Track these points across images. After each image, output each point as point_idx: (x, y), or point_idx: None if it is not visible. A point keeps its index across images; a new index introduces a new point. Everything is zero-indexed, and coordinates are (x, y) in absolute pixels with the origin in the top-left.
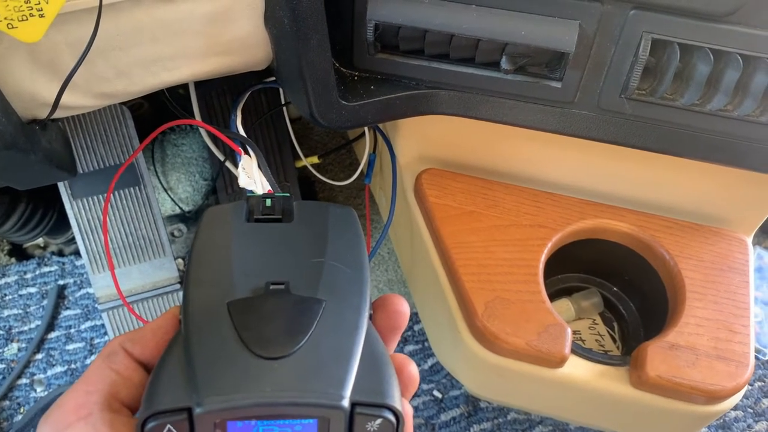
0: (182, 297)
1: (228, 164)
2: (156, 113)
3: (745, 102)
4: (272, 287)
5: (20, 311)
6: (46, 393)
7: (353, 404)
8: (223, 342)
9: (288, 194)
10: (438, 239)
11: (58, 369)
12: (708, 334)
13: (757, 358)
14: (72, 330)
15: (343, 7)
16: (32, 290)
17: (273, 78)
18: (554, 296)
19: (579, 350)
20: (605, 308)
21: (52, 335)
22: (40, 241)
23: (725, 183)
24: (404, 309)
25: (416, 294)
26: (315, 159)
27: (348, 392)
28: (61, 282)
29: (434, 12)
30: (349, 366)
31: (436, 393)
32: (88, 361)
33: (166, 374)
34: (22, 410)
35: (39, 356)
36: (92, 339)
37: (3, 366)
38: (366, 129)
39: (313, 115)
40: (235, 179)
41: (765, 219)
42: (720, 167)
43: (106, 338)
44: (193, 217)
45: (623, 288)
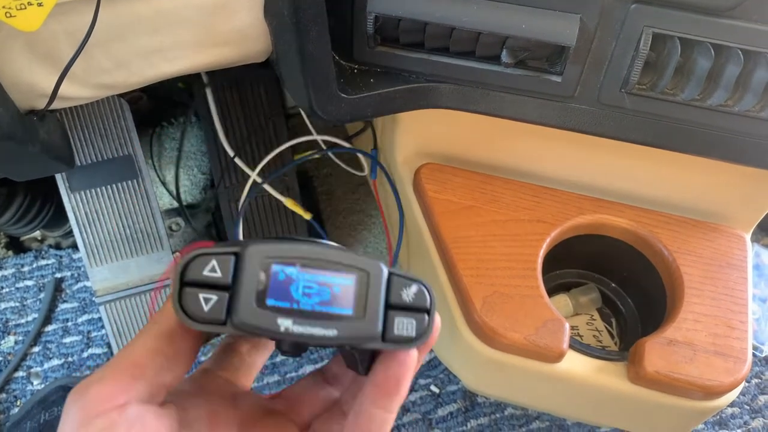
0: None
1: (237, 160)
2: (155, 106)
3: (746, 97)
4: None
5: (17, 304)
6: (43, 386)
7: (390, 274)
8: None
9: None
10: (436, 234)
11: (55, 362)
12: (706, 330)
13: (755, 355)
14: (69, 323)
15: None
16: (29, 283)
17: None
18: (552, 291)
19: (577, 345)
20: (603, 304)
21: (49, 328)
22: (38, 234)
23: (724, 179)
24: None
25: None
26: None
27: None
28: (59, 275)
29: (435, 5)
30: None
31: (434, 388)
32: (85, 355)
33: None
34: (19, 403)
35: (36, 349)
36: (89, 332)
37: (0, 359)
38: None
39: (313, 108)
40: (233, 173)
41: (763, 215)
42: (719, 163)
43: (103, 331)
44: (191, 210)
45: (621, 284)
